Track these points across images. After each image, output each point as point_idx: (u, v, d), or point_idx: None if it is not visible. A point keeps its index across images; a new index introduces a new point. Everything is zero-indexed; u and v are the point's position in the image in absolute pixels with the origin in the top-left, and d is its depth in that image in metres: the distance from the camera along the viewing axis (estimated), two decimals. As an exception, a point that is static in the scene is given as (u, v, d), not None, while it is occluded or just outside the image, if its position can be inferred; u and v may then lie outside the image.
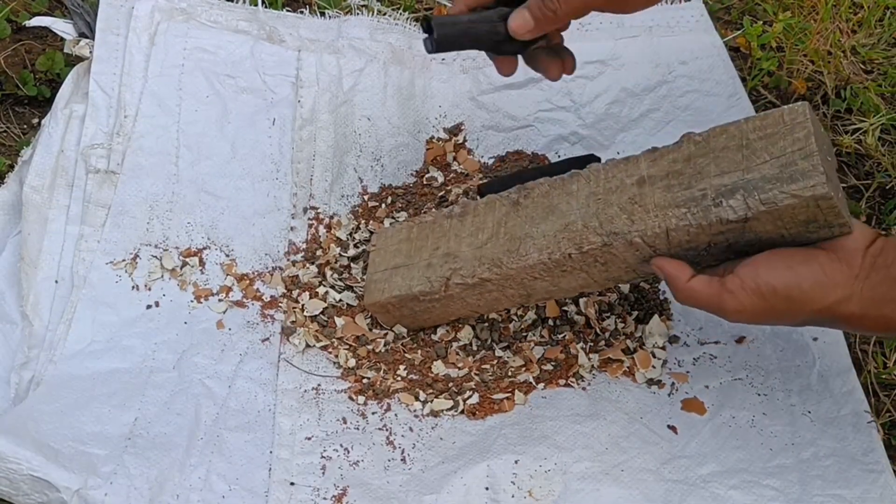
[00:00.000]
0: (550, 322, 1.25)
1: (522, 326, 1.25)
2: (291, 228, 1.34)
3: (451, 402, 1.18)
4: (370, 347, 1.24)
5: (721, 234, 1.01)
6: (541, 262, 1.11)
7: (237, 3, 1.51)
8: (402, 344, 1.24)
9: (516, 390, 1.19)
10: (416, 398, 1.19)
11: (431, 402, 1.18)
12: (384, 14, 1.55)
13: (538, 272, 1.13)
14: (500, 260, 1.14)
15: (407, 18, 1.54)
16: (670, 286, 1.04)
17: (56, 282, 1.24)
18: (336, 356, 1.22)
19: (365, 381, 1.20)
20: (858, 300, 0.96)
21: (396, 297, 1.21)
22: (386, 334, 1.25)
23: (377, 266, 1.26)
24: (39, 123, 1.43)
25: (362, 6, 1.54)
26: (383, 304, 1.22)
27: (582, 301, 1.25)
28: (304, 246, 1.32)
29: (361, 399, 1.18)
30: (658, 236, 1.04)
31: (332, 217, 1.36)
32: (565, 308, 1.26)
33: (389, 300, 1.22)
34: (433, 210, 1.33)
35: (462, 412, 1.17)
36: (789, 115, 0.99)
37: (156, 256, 1.28)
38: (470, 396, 1.18)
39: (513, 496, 1.07)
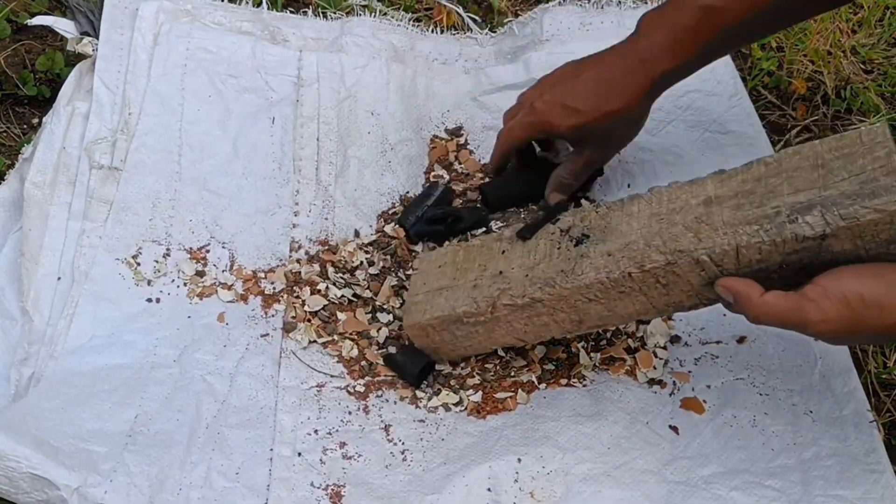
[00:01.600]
0: None
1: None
2: (294, 226, 1.32)
3: (457, 398, 1.17)
4: (372, 341, 1.23)
5: (795, 252, 0.94)
6: (598, 281, 1.04)
7: (240, 4, 1.51)
8: (403, 341, 1.24)
9: (519, 389, 1.18)
10: (420, 389, 1.18)
11: (438, 394, 1.18)
12: (385, 14, 1.55)
13: (594, 293, 1.05)
14: (553, 279, 1.07)
15: (409, 20, 1.54)
16: (741, 305, 0.96)
17: (59, 278, 1.23)
18: (339, 351, 1.21)
19: (363, 364, 1.20)
20: None
21: (438, 318, 1.14)
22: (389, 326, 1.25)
23: (418, 288, 1.20)
24: (39, 123, 1.43)
25: (363, 6, 1.54)
26: (423, 325, 1.16)
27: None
28: (307, 243, 1.31)
29: (362, 386, 1.17)
30: (727, 254, 0.97)
31: (333, 213, 1.35)
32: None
33: (431, 321, 1.15)
34: (481, 235, 1.30)
35: (466, 408, 1.16)
36: (867, 135, 0.95)
37: (158, 252, 1.27)
38: (473, 394, 1.17)
39: (515, 497, 1.06)
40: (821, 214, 0.92)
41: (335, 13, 1.54)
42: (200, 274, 1.27)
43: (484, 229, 1.34)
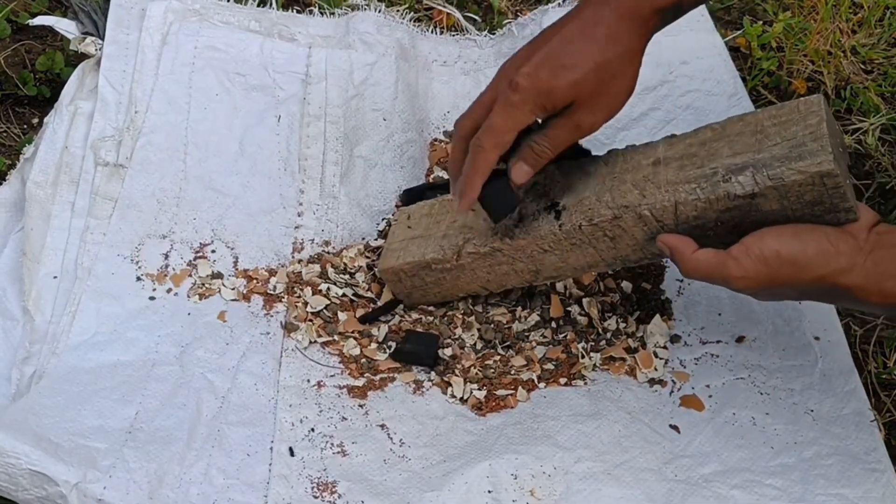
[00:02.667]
0: (553, 324, 1.23)
1: (526, 327, 1.23)
2: (297, 227, 1.32)
3: (462, 390, 1.17)
4: (372, 339, 1.23)
5: (728, 210, 1.00)
6: (551, 232, 1.11)
7: (245, 4, 1.50)
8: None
9: (520, 387, 1.17)
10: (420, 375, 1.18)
11: (447, 384, 1.18)
12: (389, 4, 1.55)
13: (548, 244, 1.12)
14: (512, 230, 1.14)
15: (410, 19, 1.53)
16: (675, 259, 1.02)
17: (55, 277, 1.22)
18: (339, 350, 1.21)
19: (363, 362, 1.20)
20: (861, 272, 0.94)
21: (410, 263, 1.21)
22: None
23: (395, 237, 1.27)
24: (39, 123, 1.43)
25: (366, 6, 1.53)
26: (396, 270, 1.23)
27: (585, 301, 1.24)
28: (310, 243, 1.31)
29: (362, 384, 1.17)
30: (666, 210, 1.03)
31: (338, 213, 1.34)
32: (569, 308, 1.24)
33: (402, 266, 1.22)
34: None
35: (467, 401, 1.16)
36: (804, 105, 1.00)
37: (161, 250, 1.27)
38: (477, 390, 1.17)
39: (514, 495, 1.05)
40: (751, 175, 0.98)
41: (342, 10, 1.53)
42: (203, 272, 1.26)
43: None
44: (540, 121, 1.09)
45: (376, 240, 1.33)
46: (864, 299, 0.96)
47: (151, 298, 1.23)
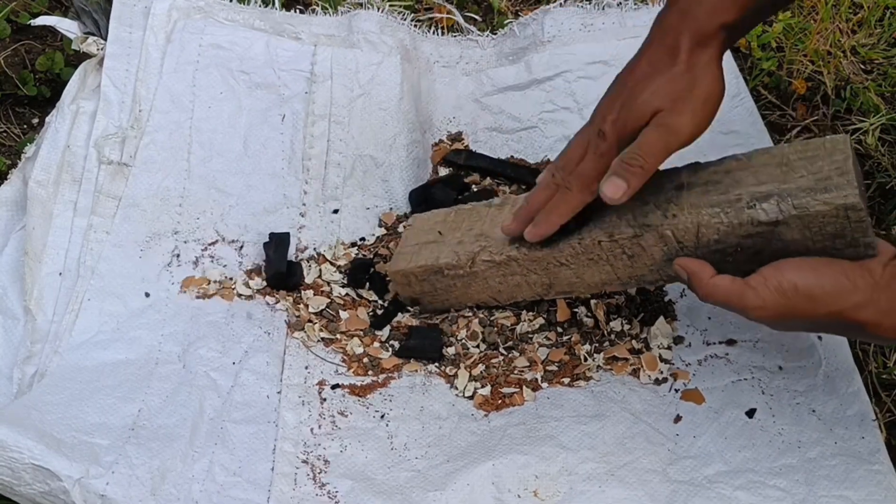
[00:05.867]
0: (559, 327, 1.22)
1: (530, 330, 1.22)
2: (300, 227, 1.31)
3: (472, 386, 1.16)
4: (375, 338, 1.22)
5: (750, 237, 1.00)
6: (569, 245, 1.10)
7: (248, 3, 1.49)
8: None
9: (524, 386, 1.16)
10: (424, 367, 1.18)
11: (454, 376, 1.18)
12: (391, 3, 1.53)
13: (565, 258, 1.11)
14: (529, 242, 1.13)
15: (411, 20, 1.52)
16: (693, 284, 1.01)
17: (60, 274, 1.22)
18: (342, 349, 1.20)
19: (366, 361, 1.19)
20: (875, 308, 0.94)
21: (422, 267, 1.20)
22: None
23: (408, 241, 1.25)
24: (39, 123, 1.42)
25: (368, 4, 1.52)
26: (406, 273, 1.21)
27: (592, 303, 1.22)
28: (313, 243, 1.31)
29: (365, 383, 1.16)
30: (688, 231, 1.02)
31: (341, 213, 1.34)
32: (575, 310, 1.23)
33: (414, 270, 1.20)
34: (473, 202, 1.31)
35: (472, 398, 1.16)
36: (830, 142, 1.01)
37: (165, 249, 1.26)
38: (481, 388, 1.17)
39: (518, 496, 1.05)
40: (776, 203, 0.98)
41: (344, 8, 1.52)
42: (206, 271, 1.25)
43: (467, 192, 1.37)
44: None
45: (379, 238, 1.32)
46: (878, 334, 0.95)
47: (155, 297, 1.22)
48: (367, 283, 1.27)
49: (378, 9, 1.50)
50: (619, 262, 1.09)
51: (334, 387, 1.16)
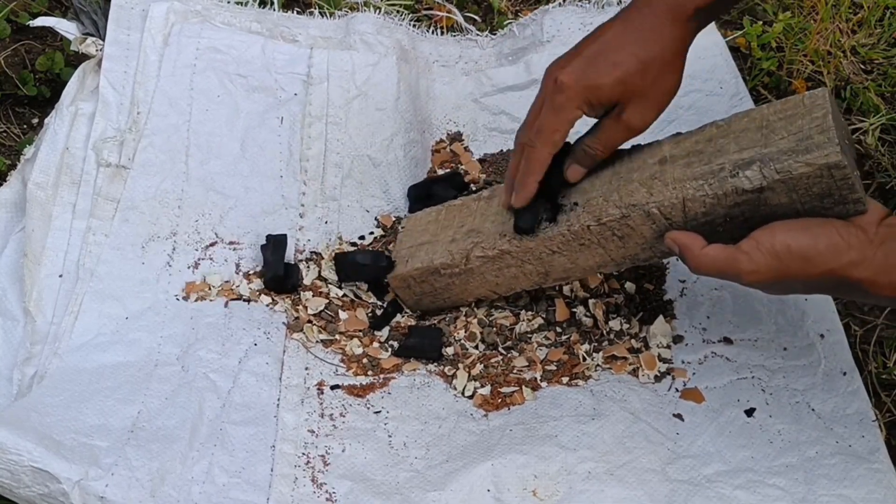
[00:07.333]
0: (558, 327, 1.23)
1: (529, 330, 1.22)
2: (299, 228, 1.31)
3: (466, 379, 1.16)
4: (374, 338, 1.23)
5: (737, 205, 0.99)
6: (560, 233, 1.10)
7: (246, 5, 1.49)
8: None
9: (523, 386, 1.16)
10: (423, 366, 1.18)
11: (453, 376, 1.18)
12: (390, 3, 1.53)
13: (557, 245, 1.11)
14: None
15: (410, 20, 1.52)
16: (684, 256, 1.01)
17: (60, 276, 1.21)
18: (342, 350, 1.20)
19: (365, 361, 1.19)
20: (871, 265, 0.93)
21: (419, 269, 1.20)
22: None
23: (403, 244, 1.26)
24: (39, 123, 1.42)
25: (365, 5, 1.52)
26: (405, 276, 1.22)
27: (591, 302, 1.23)
28: (311, 244, 1.30)
29: (364, 383, 1.16)
30: (675, 207, 1.02)
31: (339, 213, 1.34)
32: (574, 310, 1.23)
33: (411, 273, 1.21)
34: (462, 196, 1.31)
35: (472, 398, 1.16)
36: (809, 98, 0.99)
37: (163, 251, 1.26)
38: (481, 387, 1.17)
39: (517, 495, 1.05)
40: (759, 169, 0.97)
41: (341, 11, 1.52)
42: (205, 273, 1.25)
43: (466, 192, 1.36)
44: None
45: (377, 239, 1.32)
46: (874, 292, 0.95)
47: (154, 299, 1.22)
48: (368, 287, 1.27)
49: (378, 9, 1.50)
50: (610, 244, 1.09)
51: (334, 387, 1.16)
